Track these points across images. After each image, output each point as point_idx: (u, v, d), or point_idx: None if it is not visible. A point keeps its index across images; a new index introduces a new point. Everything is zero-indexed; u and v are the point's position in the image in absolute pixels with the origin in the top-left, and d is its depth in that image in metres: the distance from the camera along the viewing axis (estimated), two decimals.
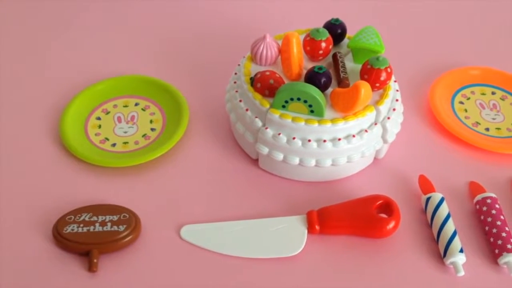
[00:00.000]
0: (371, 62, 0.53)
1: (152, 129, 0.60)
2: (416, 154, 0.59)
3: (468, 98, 0.64)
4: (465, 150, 0.59)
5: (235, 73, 0.58)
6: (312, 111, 0.52)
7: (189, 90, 0.63)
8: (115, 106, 0.62)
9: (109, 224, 0.49)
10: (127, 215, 0.50)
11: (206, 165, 0.57)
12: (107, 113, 0.61)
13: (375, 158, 0.58)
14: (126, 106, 0.62)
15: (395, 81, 0.58)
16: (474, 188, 0.54)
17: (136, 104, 0.62)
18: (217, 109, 0.61)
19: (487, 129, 0.61)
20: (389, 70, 0.53)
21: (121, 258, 0.49)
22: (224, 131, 0.60)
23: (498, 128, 0.61)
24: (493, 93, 0.65)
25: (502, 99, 0.64)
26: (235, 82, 0.58)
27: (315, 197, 0.54)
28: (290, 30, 0.59)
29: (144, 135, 0.59)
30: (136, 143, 0.58)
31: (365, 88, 0.50)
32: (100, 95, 0.63)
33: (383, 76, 0.53)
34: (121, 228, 0.49)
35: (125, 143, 0.58)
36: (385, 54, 0.63)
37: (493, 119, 0.62)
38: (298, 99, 0.51)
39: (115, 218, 0.50)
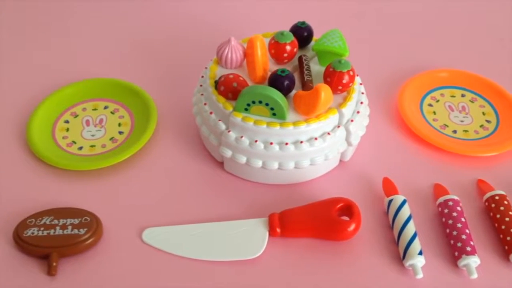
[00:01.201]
0: (334, 65, 0.53)
1: (120, 132, 0.60)
2: (383, 157, 0.59)
3: (438, 101, 0.65)
4: (431, 152, 0.59)
5: (202, 76, 0.59)
6: (274, 114, 0.52)
7: (159, 93, 0.64)
8: (84, 109, 0.62)
9: (69, 227, 0.49)
10: (89, 218, 0.50)
11: (172, 168, 0.57)
12: (76, 116, 0.61)
13: (340, 161, 0.58)
14: (95, 109, 0.62)
15: (360, 84, 0.58)
16: (438, 190, 0.54)
17: (106, 107, 0.62)
18: (186, 112, 0.61)
19: (455, 132, 0.61)
20: (351, 73, 0.53)
21: (81, 262, 0.49)
22: (192, 134, 0.60)
23: (466, 131, 0.61)
24: (462, 95, 0.65)
25: (472, 101, 0.65)
26: (201, 85, 0.58)
27: (279, 200, 0.54)
28: (259, 33, 0.60)
29: (111, 138, 0.59)
30: (103, 146, 0.58)
31: (325, 91, 0.50)
32: (69, 98, 0.63)
33: (346, 79, 0.53)
34: (82, 231, 0.49)
35: (92, 146, 0.58)
36: (355, 58, 0.64)
37: (461, 121, 0.62)
38: (260, 102, 0.51)
39: (76, 221, 0.50)
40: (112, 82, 0.64)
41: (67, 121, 0.61)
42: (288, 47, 0.56)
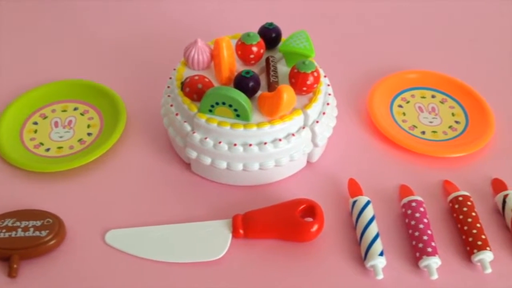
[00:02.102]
0: (298, 66, 0.53)
1: (89, 134, 0.60)
2: (351, 158, 0.59)
3: (408, 102, 0.65)
4: (400, 153, 0.59)
5: (170, 78, 0.59)
6: (238, 115, 0.52)
7: (130, 95, 0.63)
8: (53, 111, 0.62)
9: (31, 229, 0.49)
10: (51, 220, 0.50)
11: (140, 169, 0.57)
12: (45, 118, 0.61)
13: (308, 162, 0.58)
14: (64, 110, 0.62)
15: (328, 85, 0.58)
16: (403, 191, 0.54)
17: (75, 109, 0.62)
18: (155, 113, 0.61)
19: (423, 133, 0.61)
20: (315, 74, 0.53)
21: (43, 264, 0.49)
22: (161, 135, 0.60)
23: (434, 132, 0.61)
24: (433, 96, 0.65)
25: (442, 102, 0.65)
26: (168, 87, 0.58)
27: (245, 201, 0.54)
28: (230, 34, 0.60)
29: (79, 140, 0.59)
30: (71, 147, 0.58)
31: (287, 92, 0.50)
32: (38, 100, 0.63)
33: (310, 80, 0.53)
34: (43, 233, 0.49)
35: (59, 147, 0.58)
36: (326, 59, 0.64)
37: (430, 122, 0.62)
38: (223, 103, 0.51)
39: (39, 223, 0.49)
40: (83, 83, 0.64)
41: (35, 123, 0.61)
42: (254, 48, 0.56)
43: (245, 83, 0.53)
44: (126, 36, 0.72)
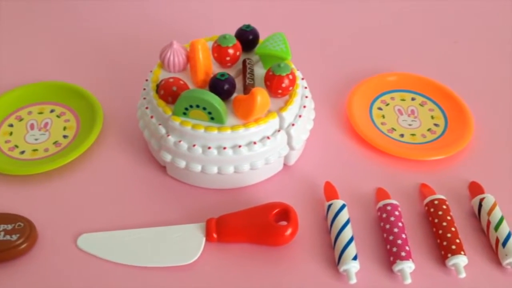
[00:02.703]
0: (273, 69, 0.53)
1: (65, 136, 0.59)
2: (329, 161, 0.58)
3: (387, 104, 0.64)
4: (378, 156, 0.59)
5: (146, 80, 0.58)
6: (212, 118, 0.51)
7: (107, 97, 0.63)
8: (29, 113, 0.61)
9: (2, 233, 0.48)
10: (22, 224, 0.49)
11: (115, 172, 0.56)
12: (21, 120, 0.61)
13: (285, 165, 0.57)
14: (41, 113, 0.62)
15: (305, 88, 0.58)
16: (379, 194, 0.54)
17: (52, 111, 0.62)
18: (132, 116, 0.61)
19: (402, 135, 0.61)
20: (291, 76, 0.53)
21: (14, 268, 0.48)
22: (138, 138, 0.60)
23: (413, 134, 0.61)
24: (413, 99, 0.65)
25: (421, 105, 0.65)
26: (144, 89, 0.57)
27: (221, 205, 0.54)
28: (209, 36, 0.60)
29: (55, 142, 0.59)
30: (46, 150, 0.58)
31: (261, 95, 0.50)
32: (15, 102, 0.62)
33: (285, 82, 0.52)
34: (14, 237, 0.48)
35: (34, 150, 0.58)
36: (305, 62, 0.64)
37: (410, 125, 0.62)
38: (197, 106, 0.51)
39: (9, 227, 0.49)
40: (60, 85, 0.64)
41: (11, 125, 0.60)
42: (230, 51, 0.55)
43: (219, 86, 0.52)
44: (105, 38, 0.71)
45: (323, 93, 0.65)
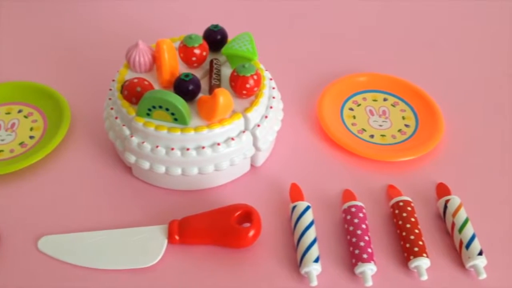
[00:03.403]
0: (237, 69, 0.52)
1: (31, 137, 0.59)
2: (298, 162, 0.58)
3: (359, 105, 0.64)
4: (347, 158, 0.58)
5: (113, 80, 0.58)
6: (175, 119, 0.51)
7: (76, 97, 0.62)
8: None
9: None
10: None
11: (81, 173, 0.56)
12: None
13: (252, 166, 0.57)
14: (8, 113, 0.61)
15: (273, 88, 0.57)
16: (346, 196, 0.53)
17: (20, 111, 0.61)
18: (100, 117, 0.60)
19: (372, 136, 0.61)
20: (255, 77, 0.52)
21: None
22: (105, 138, 0.59)
23: (383, 135, 0.61)
24: (385, 99, 0.65)
25: (393, 105, 0.64)
26: (110, 90, 0.57)
27: (186, 206, 0.53)
28: (182, 35, 0.59)
29: (21, 143, 0.58)
30: (12, 151, 0.57)
31: (223, 96, 0.49)
32: None
33: (250, 83, 0.52)
34: None
35: (0, 151, 0.57)
36: (276, 63, 0.64)
37: (380, 125, 0.62)
38: (160, 107, 0.50)
39: None
40: (28, 85, 0.63)
41: None
42: (196, 51, 0.55)
43: (184, 86, 0.52)
44: (75, 37, 0.71)
45: (294, 94, 0.65)
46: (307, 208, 0.51)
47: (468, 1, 0.80)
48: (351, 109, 0.64)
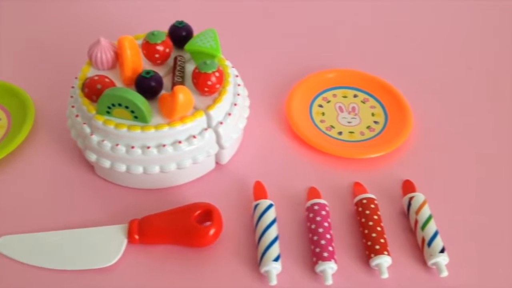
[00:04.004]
0: (199, 66, 0.51)
1: None
2: (265, 160, 0.57)
3: (329, 101, 0.63)
4: (314, 155, 0.58)
5: (76, 78, 0.57)
6: (136, 117, 0.50)
7: (40, 95, 0.62)
8: None
9: None
10: None
11: (43, 173, 0.55)
12: None
13: (218, 164, 0.56)
14: None
15: (238, 85, 0.57)
16: (310, 194, 0.53)
17: None
18: (64, 114, 0.59)
19: (340, 133, 0.60)
20: (217, 74, 0.51)
21: None
22: (68, 137, 0.58)
23: (352, 132, 0.60)
24: (355, 95, 0.64)
25: (363, 102, 0.64)
26: (73, 87, 0.56)
27: (149, 205, 0.52)
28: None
29: None
30: None
31: (183, 93, 0.49)
32: None
33: (212, 80, 0.51)
34: None
35: None
36: (247, 61, 0.63)
37: (349, 122, 0.61)
38: (120, 104, 0.50)
39: None
40: None
41: None
42: (159, 48, 0.54)
43: (144, 84, 0.51)
44: (41, 34, 0.70)
45: (263, 91, 0.64)
46: (270, 206, 0.50)
47: None
48: (320, 105, 0.63)
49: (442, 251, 0.47)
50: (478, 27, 0.75)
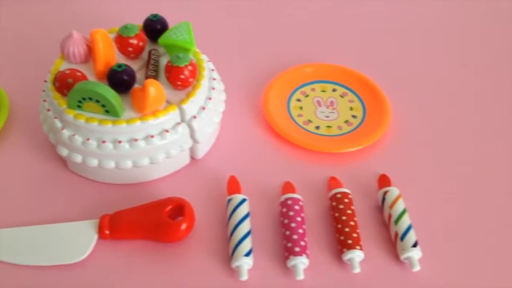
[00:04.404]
0: (172, 60, 0.51)
1: None
2: (240, 154, 0.57)
3: (307, 96, 0.63)
4: (290, 149, 0.57)
5: (49, 72, 0.56)
6: (107, 111, 0.50)
7: (14, 89, 0.61)
8: None
9: None
10: None
11: (16, 167, 0.55)
12: None
13: (193, 158, 0.56)
14: None
15: (213, 79, 0.56)
16: (285, 188, 0.52)
17: None
18: (37, 109, 0.59)
19: (317, 127, 0.59)
20: (190, 67, 0.51)
21: None
22: (42, 131, 0.58)
23: (329, 126, 0.60)
24: (334, 90, 0.64)
25: (342, 96, 0.63)
26: (45, 81, 0.55)
27: (122, 200, 0.52)
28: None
29: None
30: None
31: (154, 86, 0.48)
32: None
33: (185, 74, 0.51)
34: None
35: None
36: (224, 55, 0.62)
37: (327, 117, 0.61)
38: (90, 98, 0.49)
39: None
40: None
41: None
42: (133, 41, 0.53)
43: (116, 77, 0.50)
44: (15, 28, 0.69)
45: (241, 85, 0.63)
46: (243, 201, 0.50)
47: None
48: (298, 100, 0.62)
49: (415, 245, 0.47)
50: (456, 21, 0.74)
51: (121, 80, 0.51)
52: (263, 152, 0.57)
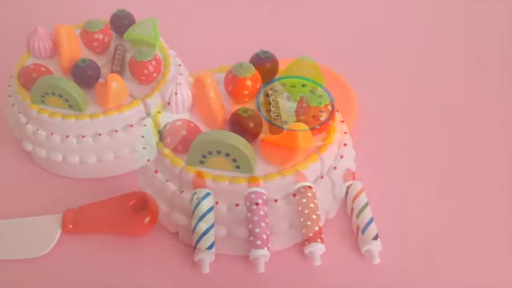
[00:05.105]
0: (135, 55, 0.51)
1: None
2: None
3: (276, 91, 0.63)
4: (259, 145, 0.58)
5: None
6: (70, 106, 0.50)
7: None
8: None
9: None
10: None
11: None
12: None
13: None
14: None
15: (180, 74, 0.56)
16: (250, 182, 0.53)
17: None
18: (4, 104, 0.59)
19: (285, 123, 0.60)
20: (154, 62, 0.51)
21: None
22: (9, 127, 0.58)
23: (297, 122, 0.60)
24: (303, 85, 0.63)
25: (312, 91, 0.62)
26: (11, 77, 0.55)
27: (87, 195, 0.52)
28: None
29: None
30: None
31: (115, 81, 0.48)
32: None
33: (148, 69, 0.51)
34: None
35: None
36: (194, 51, 0.62)
37: (296, 112, 0.61)
38: (53, 93, 0.49)
39: None
40: None
41: None
42: (98, 36, 0.54)
43: (79, 72, 0.51)
44: None
45: None
46: (207, 195, 0.50)
47: None
48: (267, 95, 0.63)
49: (375, 238, 0.48)
50: (426, 16, 0.75)
51: (84, 75, 0.51)
52: None
